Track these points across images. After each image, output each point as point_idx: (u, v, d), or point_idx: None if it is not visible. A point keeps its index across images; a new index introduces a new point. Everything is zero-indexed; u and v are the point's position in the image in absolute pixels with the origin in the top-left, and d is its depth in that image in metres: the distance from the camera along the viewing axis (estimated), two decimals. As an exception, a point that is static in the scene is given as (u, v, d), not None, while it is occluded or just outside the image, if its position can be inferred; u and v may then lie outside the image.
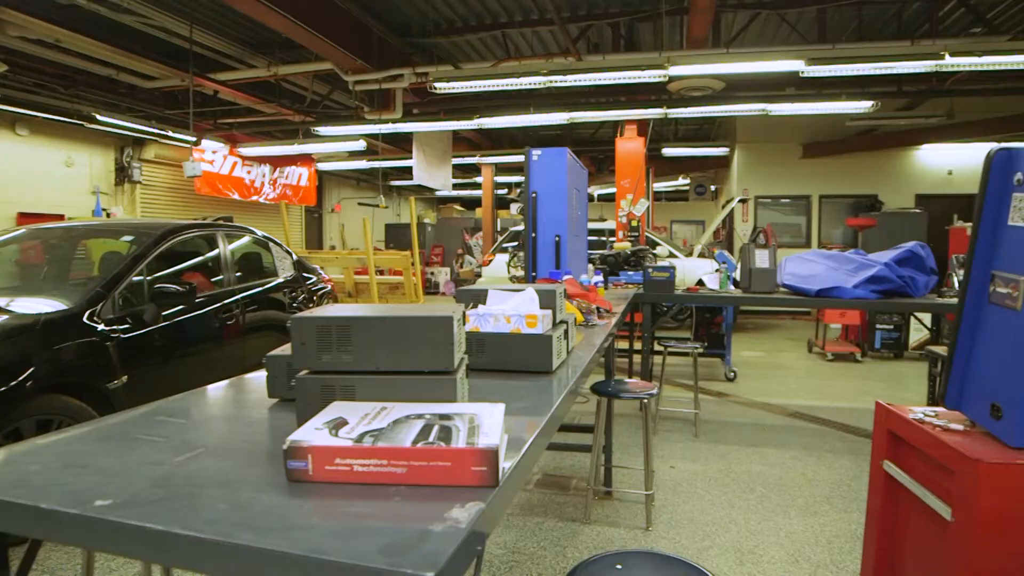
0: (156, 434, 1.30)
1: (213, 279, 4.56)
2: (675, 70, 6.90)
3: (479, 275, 10.42)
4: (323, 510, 0.90)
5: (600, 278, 4.08)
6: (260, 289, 4.84)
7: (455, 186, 14.08)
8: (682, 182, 17.02)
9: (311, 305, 5.36)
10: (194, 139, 9.98)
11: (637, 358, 6.08)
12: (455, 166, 12.58)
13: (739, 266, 5.44)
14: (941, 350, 4.05)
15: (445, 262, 17.37)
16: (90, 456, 1.18)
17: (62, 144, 10.62)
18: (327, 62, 7.77)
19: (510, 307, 1.78)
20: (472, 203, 22.85)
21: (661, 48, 7.51)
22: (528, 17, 7.80)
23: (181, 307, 4.02)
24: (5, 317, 3.29)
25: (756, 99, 9.09)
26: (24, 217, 9.88)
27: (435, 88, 7.28)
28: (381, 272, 8.72)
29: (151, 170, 12.01)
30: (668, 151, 13.17)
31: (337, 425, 1.03)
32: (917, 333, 7.99)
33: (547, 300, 1.84)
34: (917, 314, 7.07)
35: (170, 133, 9.99)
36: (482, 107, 9.86)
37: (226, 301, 4.44)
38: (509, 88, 7.44)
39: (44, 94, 9.23)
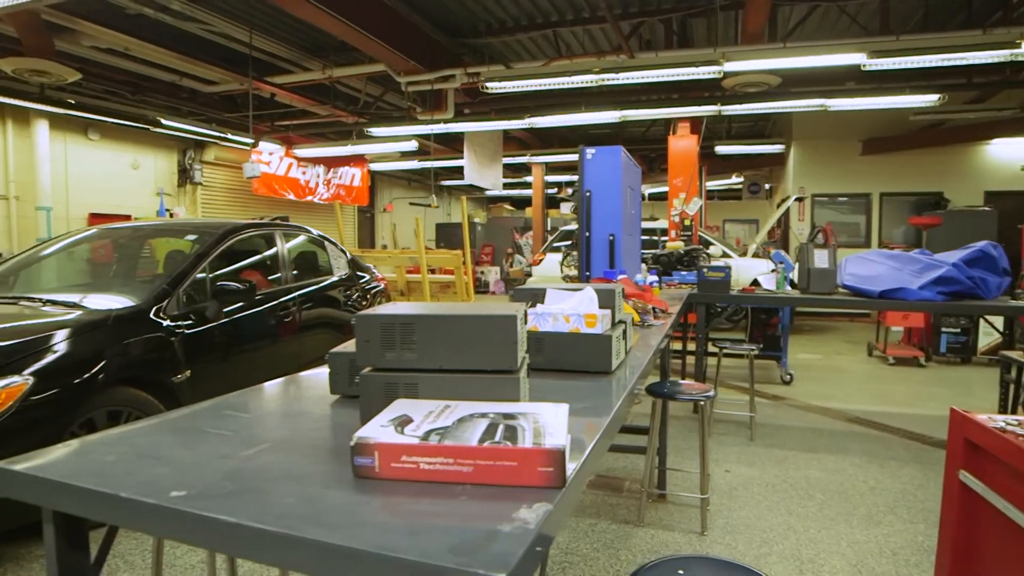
0: (223, 428, 1.34)
1: (271, 277, 4.67)
2: (730, 66, 6.75)
3: (529, 274, 10.42)
4: (390, 507, 0.90)
5: (655, 278, 4.02)
6: (316, 287, 4.93)
7: (505, 185, 14.11)
8: (735, 180, 16.68)
9: (364, 303, 5.45)
10: (252, 141, 10.27)
11: (690, 359, 5.98)
12: (505, 165, 12.61)
13: (797, 266, 5.29)
14: (1018, 355, 3.86)
15: (495, 261, 17.44)
16: (162, 448, 1.21)
17: (129, 148, 11.07)
18: (380, 64, 7.88)
19: (569, 306, 1.76)
20: (522, 202, 22.87)
21: (715, 44, 7.36)
22: (579, 15, 7.75)
23: (241, 304, 4.13)
24: (79, 312, 3.44)
25: (814, 94, 8.81)
26: (95, 217, 10.33)
27: (487, 88, 7.30)
28: (433, 271, 8.79)
29: (211, 172, 12.41)
30: (721, 149, 12.91)
31: (402, 423, 1.03)
32: (987, 337, 7.63)
33: (606, 300, 1.82)
34: (987, 317, 6.75)
35: (229, 136, 10.30)
36: (533, 106, 9.85)
37: (283, 299, 4.54)
38: (560, 87, 7.40)
39: (113, 100, 9.64)
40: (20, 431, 2.85)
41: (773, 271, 5.92)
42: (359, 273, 5.58)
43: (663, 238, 9.54)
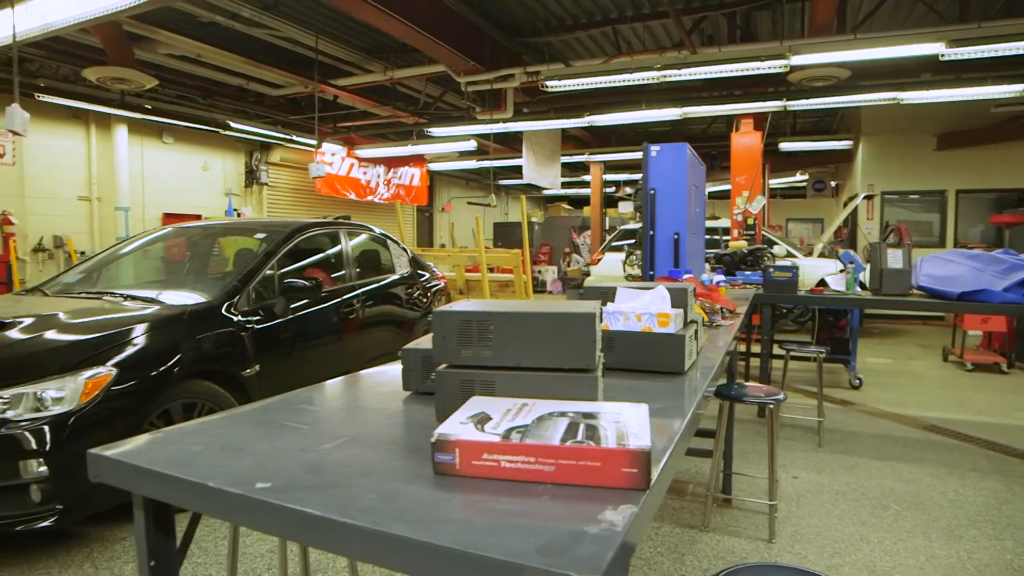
0: (300, 422, 1.36)
1: (335, 275, 4.77)
2: (797, 59, 6.55)
3: (587, 274, 10.34)
4: (471, 505, 0.90)
5: (722, 277, 3.92)
6: (378, 285, 5.02)
7: (563, 184, 14.06)
8: (799, 178, 16.18)
9: (425, 302, 5.51)
10: (316, 142, 10.54)
11: (754, 361, 5.83)
12: (563, 164, 12.57)
13: (868, 266, 5.08)
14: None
15: (552, 260, 17.40)
16: (244, 440, 1.24)
17: (200, 150, 11.52)
18: (440, 65, 7.96)
19: (640, 305, 1.73)
20: (579, 202, 22.76)
21: (781, 37, 7.14)
22: (639, 11, 7.65)
23: (307, 301, 4.23)
24: (157, 308, 3.58)
25: (885, 87, 8.46)
26: (168, 217, 10.79)
27: (547, 87, 7.28)
28: (491, 270, 8.84)
29: (276, 172, 12.80)
30: (785, 146, 12.53)
31: (481, 420, 1.03)
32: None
33: (678, 299, 1.78)
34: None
35: (294, 137, 10.60)
36: (592, 105, 9.78)
37: (347, 296, 4.63)
38: (620, 85, 7.33)
39: (186, 105, 10.04)
40: (104, 419, 2.99)
41: (842, 271, 5.72)
42: (420, 271, 5.64)
43: (725, 237, 9.33)
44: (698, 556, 2.92)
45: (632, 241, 6.86)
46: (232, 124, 9.94)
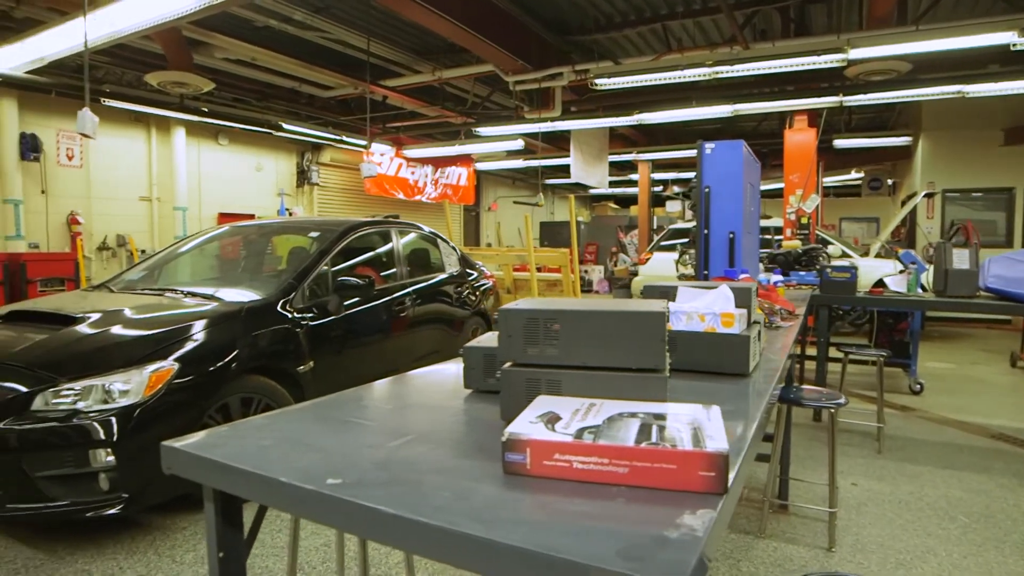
0: (364, 418, 1.37)
1: (386, 273, 4.83)
2: (856, 53, 6.34)
3: (635, 273, 10.23)
4: (545, 506, 0.88)
5: (780, 277, 3.82)
6: (429, 283, 5.05)
7: (610, 183, 13.95)
8: (854, 176, 15.69)
9: (474, 300, 5.52)
10: (366, 143, 10.69)
11: (808, 364, 5.69)
12: (610, 163, 12.47)
13: (930, 267, 4.89)
14: None
15: (599, 260, 17.27)
16: (311, 435, 1.25)
17: (253, 151, 11.81)
18: (488, 64, 7.98)
19: (703, 304, 1.69)
20: (625, 201, 22.54)
21: (838, 30, 6.93)
22: (690, 7, 7.53)
23: (359, 299, 4.28)
24: (215, 304, 3.68)
25: (949, 80, 8.12)
26: (223, 216, 11.09)
27: (596, 85, 7.23)
28: (539, 269, 8.83)
29: (327, 173, 13.04)
30: (840, 143, 12.16)
31: (550, 420, 1.02)
32: None
33: (742, 299, 1.73)
34: None
35: (344, 138, 10.77)
36: (640, 103, 9.67)
37: (398, 294, 4.68)
38: (670, 82, 7.22)
39: (240, 107, 10.32)
40: (166, 412, 3.08)
41: (902, 272, 5.52)
42: (468, 270, 5.66)
43: (777, 237, 9.11)
44: (754, 563, 2.85)
45: (685, 240, 6.74)
46: (284, 125, 10.16)
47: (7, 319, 3.60)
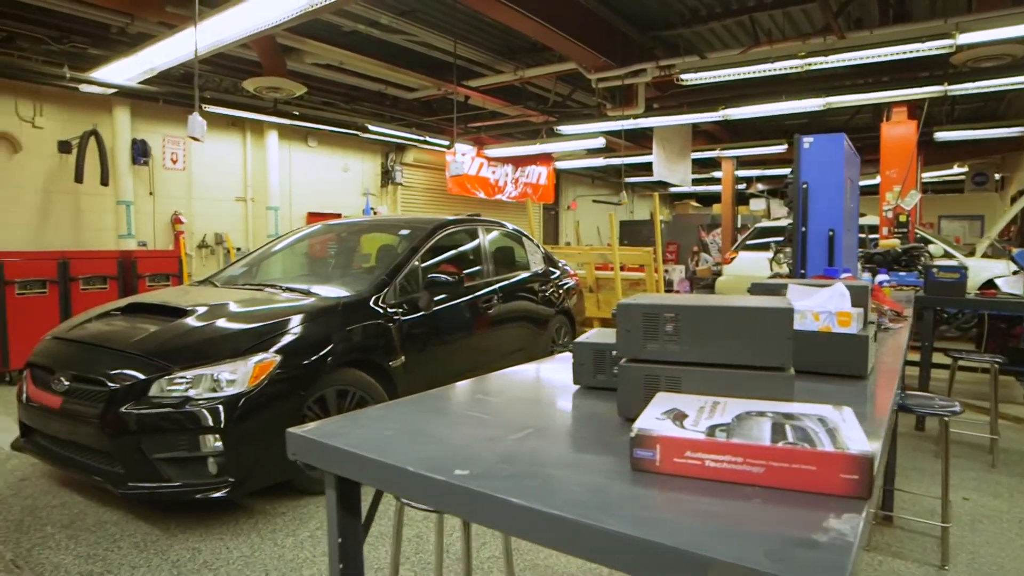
0: (479, 411, 1.38)
1: (473, 270, 4.89)
2: (965, 37, 5.95)
3: (718, 273, 9.96)
4: (678, 504, 0.87)
5: (886, 276, 3.64)
6: (514, 281, 5.09)
7: (692, 182, 13.62)
8: (956, 171, 14.72)
9: (558, 298, 5.52)
10: (449, 143, 10.86)
11: (909, 370, 5.39)
12: (692, 161, 12.20)
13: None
14: None
15: (680, 259, 16.92)
16: (430, 427, 1.27)
17: (340, 152, 12.21)
18: (570, 63, 7.95)
19: (816, 303, 1.62)
20: (707, 199, 21.99)
21: (944, 14, 6.50)
22: (780, -3, 7.25)
23: (448, 295, 4.36)
24: (313, 299, 3.82)
25: (1070, 66, 7.50)
26: (312, 216, 11.52)
27: (681, 80, 7.08)
28: (621, 268, 8.74)
29: (410, 173, 13.34)
30: (942, 135, 11.43)
31: (677, 417, 1.00)
32: None
33: (858, 298, 1.66)
34: None
35: (427, 139, 10.97)
36: (725, 98, 9.40)
37: (485, 291, 4.73)
38: (757, 75, 6.98)
39: (328, 110, 10.67)
40: (268, 402, 3.23)
41: (1015, 273, 5.16)
42: (552, 268, 5.67)
43: (872, 236, 8.66)
44: None
45: (780, 239, 6.51)
46: (370, 127, 10.45)
47: (126, 311, 3.86)
